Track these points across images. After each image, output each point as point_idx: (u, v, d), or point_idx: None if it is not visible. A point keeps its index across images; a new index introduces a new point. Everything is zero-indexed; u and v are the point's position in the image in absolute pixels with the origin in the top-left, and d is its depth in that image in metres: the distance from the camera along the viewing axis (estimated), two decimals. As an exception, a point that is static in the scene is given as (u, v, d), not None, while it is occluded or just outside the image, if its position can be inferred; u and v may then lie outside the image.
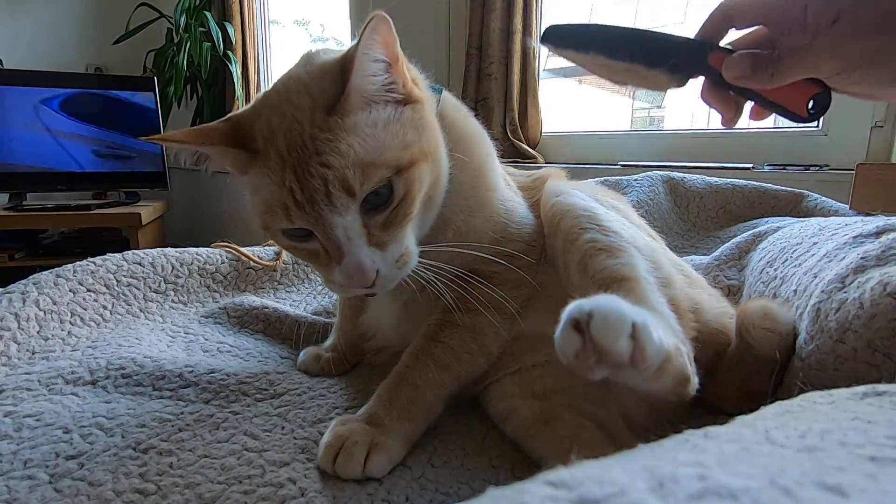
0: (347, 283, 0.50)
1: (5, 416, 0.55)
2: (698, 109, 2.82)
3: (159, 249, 0.95)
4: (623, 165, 1.77)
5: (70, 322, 0.76)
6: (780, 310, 0.57)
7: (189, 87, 2.65)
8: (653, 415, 0.55)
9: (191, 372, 0.64)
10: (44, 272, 0.80)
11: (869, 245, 0.54)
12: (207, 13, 2.56)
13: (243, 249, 1.02)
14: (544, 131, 1.97)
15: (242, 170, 0.52)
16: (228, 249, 1.01)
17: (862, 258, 0.52)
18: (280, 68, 2.90)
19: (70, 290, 0.79)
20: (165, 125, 2.53)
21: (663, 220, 1.18)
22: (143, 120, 2.47)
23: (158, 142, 0.53)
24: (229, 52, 2.60)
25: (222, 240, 1.04)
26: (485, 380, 0.60)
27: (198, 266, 0.96)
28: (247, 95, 2.69)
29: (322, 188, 0.47)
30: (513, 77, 1.87)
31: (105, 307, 0.82)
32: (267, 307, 0.86)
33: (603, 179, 1.30)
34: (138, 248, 0.93)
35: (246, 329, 0.84)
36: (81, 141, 2.45)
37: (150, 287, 0.89)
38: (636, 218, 0.69)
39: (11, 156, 2.36)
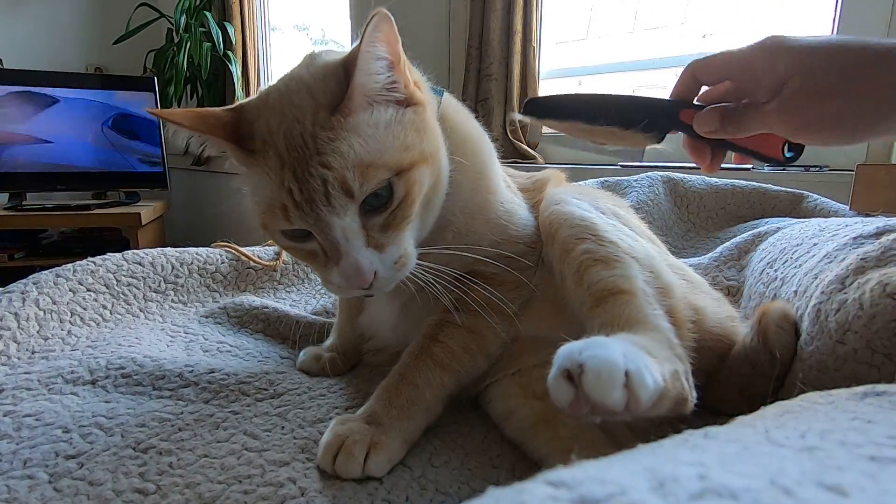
0: (345, 285, 0.50)
1: (5, 416, 0.55)
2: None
3: (159, 249, 0.95)
4: (623, 166, 1.77)
5: (70, 322, 0.76)
6: (793, 312, 0.56)
7: (189, 88, 2.65)
8: None
9: (191, 372, 0.64)
10: (44, 272, 0.80)
11: (869, 246, 0.54)
12: (207, 13, 2.56)
13: (243, 249, 1.02)
14: (544, 132, 1.97)
15: (241, 163, 0.52)
16: (228, 249, 1.01)
17: (862, 259, 0.52)
18: (280, 69, 2.90)
19: (70, 290, 0.79)
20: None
21: (663, 221, 1.18)
22: (144, 120, 2.47)
23: (158, 116, 0.52)
24: (229, 53, 2.60)
25: (222, 240, 1.04)
26: (485, 380, 0.60)
27: (198, 266, 0.96)
28: (247, 96, 2.66)
29: (321, 189, 0.47)
30: (513, 77, 1.87)
31: (105, 307, 0.82)
32: (267, 307, 0.86)
33: (603, 180, 1.30)
34: (138, 248, 0.93)
35: (246, 329, 0.84)
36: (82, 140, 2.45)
37: (150, 287, 0.89)
38: (637, 223, 0.68)
39: (11, 155, 2.36)
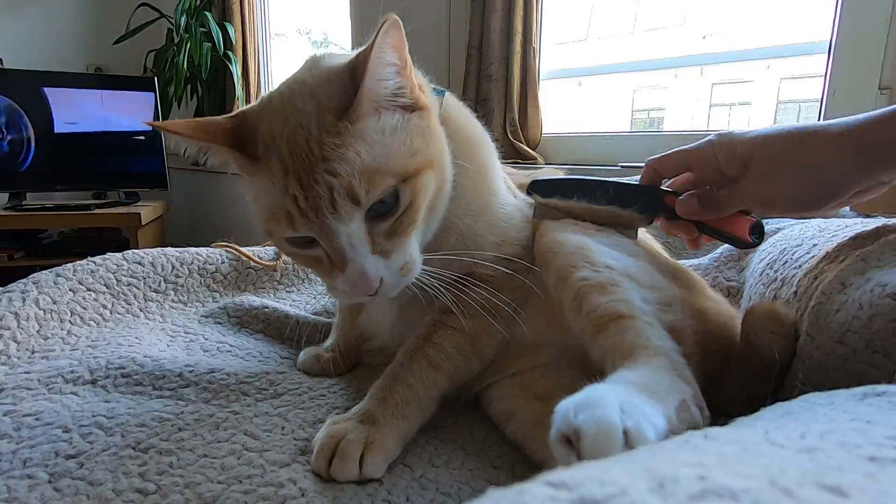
0: (351, 291, 0.50)
1: (5, 416, 0.55)
2: (698, 110, 2.82)
3: (159, 249, 0.95)
4: (623, 166, 1.77)
5: (70, 321, 0.76)
6: (786, 311, 0.56)
7: (189, 88, 2.65)
8: None
9: (191, 371, 0.64)
10: (44, 271, 0.80)
11: (869, 246, 0.54)
12: (208, 13, 2.56)
13: (243, 249, 1.02)
14: (544, 132, 1.97)
15: (244, 171, 0.52)
16: (228, 249, 1.01)
17: (862, 259, 0.52)
18: (281, 70, 2.90)
19: (70, 290, 0.79)
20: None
21: (663, 221, 1.17)
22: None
23: (158, 128, 0.51)
24: (229, 53, 2.60)
25: (222, 240, 1.04)
26: (485, 381, 0.60)
27: (198, 266, 0.96)
28: (247, 96, 2.69)
29: (327, 196, 0.46)
30: (513, 78, 1.87)
31: (105, 306, 0.82)
32: (267, 307, 0.86)
33: (603, 180, 1.30)
34: (138, 248, 0.93)
35: (246, 329, 0.84)
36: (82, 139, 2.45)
37: (150, 287, 0.89)
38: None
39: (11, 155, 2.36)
